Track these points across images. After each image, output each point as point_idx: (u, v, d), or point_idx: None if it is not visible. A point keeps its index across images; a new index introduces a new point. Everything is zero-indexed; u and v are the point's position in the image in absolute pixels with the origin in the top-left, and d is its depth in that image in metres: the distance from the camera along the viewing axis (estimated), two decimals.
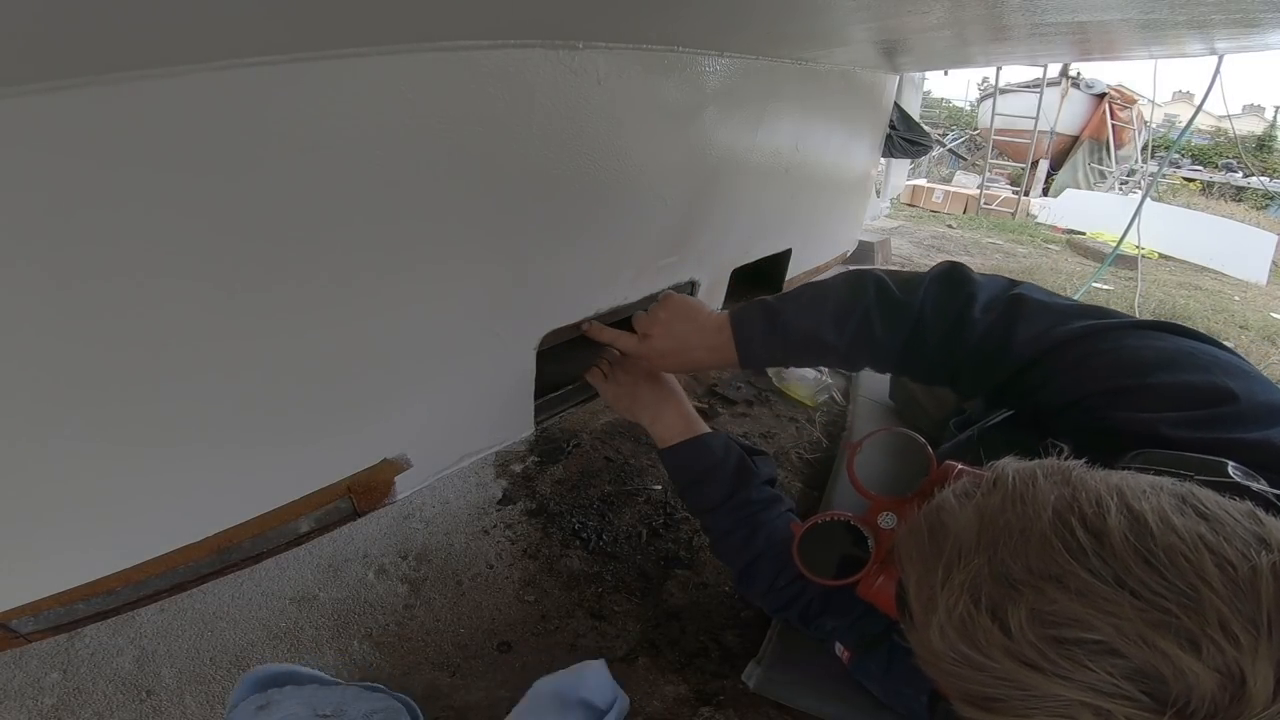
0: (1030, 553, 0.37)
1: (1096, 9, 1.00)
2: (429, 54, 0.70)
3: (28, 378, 0.57)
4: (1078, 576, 0.35)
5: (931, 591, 0.40)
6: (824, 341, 0.72)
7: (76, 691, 0.72)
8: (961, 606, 0.37)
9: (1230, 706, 0.32)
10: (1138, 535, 0.35)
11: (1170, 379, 0.55)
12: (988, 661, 0.36)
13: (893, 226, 3.92)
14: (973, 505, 0.41)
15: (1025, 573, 0.36)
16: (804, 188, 1.76)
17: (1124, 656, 0.33)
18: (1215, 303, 3.27)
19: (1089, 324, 0.61)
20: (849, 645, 0.70)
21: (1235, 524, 0.36)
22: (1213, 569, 0.34)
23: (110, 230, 0.55)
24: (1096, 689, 0.34)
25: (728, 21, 0.98)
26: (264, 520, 0.84)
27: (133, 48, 0.48)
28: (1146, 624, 0.33)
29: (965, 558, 0.39)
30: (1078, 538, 0.36)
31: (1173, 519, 0.36)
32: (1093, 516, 0.37)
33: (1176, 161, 9.14)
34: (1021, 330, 0.63)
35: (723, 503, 0.79)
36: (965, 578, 0.38)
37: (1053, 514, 0.37)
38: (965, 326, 0.66)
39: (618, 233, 1.14)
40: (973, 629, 0.37)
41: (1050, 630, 0.35)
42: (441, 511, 1.03)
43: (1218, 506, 0.37)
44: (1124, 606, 0.34)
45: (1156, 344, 0.59)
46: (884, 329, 0.70)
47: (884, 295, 0.71)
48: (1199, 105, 2.86)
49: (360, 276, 0.77)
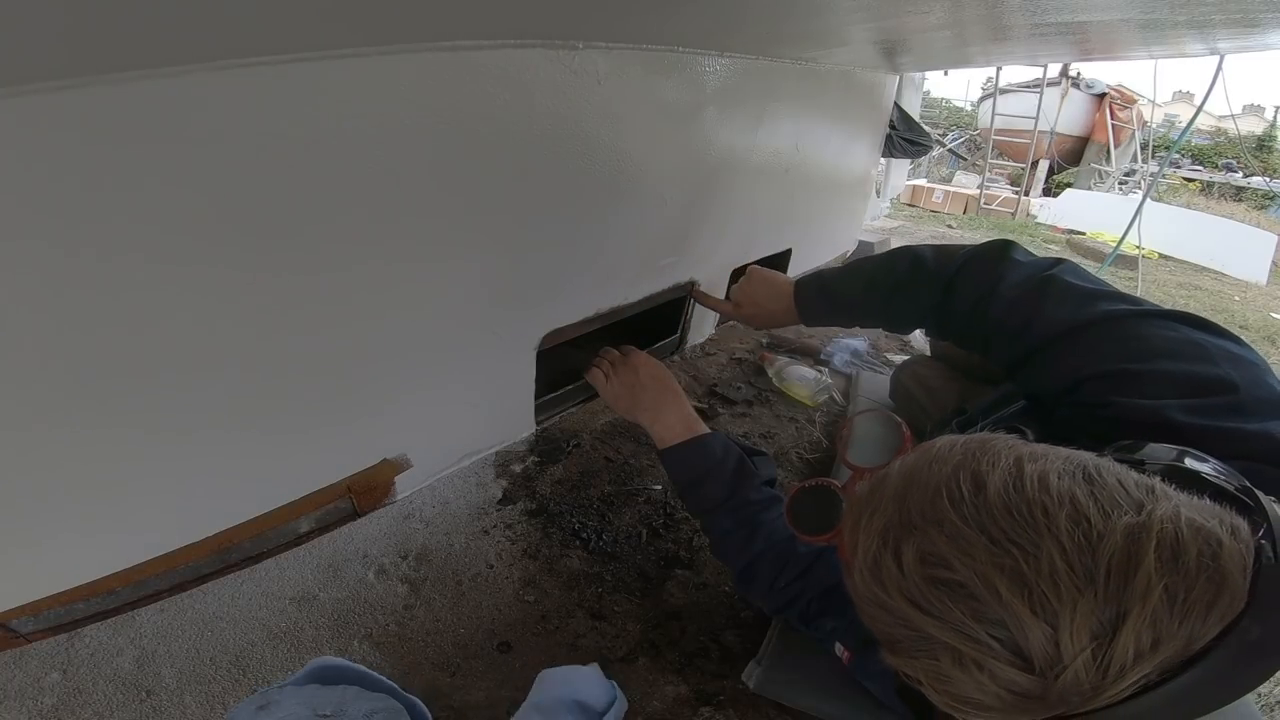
0: (925, 500, 0.40)
1: (1096, 9, 1.00)
2: (429, 54, 0.70)
3: (28, 378, 0.57)
4: (951, 521, 0.38)
5: (856, 536, 0.44)
6: (860, 302, 0.85)
7: (76, 691, 0.72)
8: (874, 548, 0.41)
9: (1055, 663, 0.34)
10: (1011, 489, 0.38)
11: (1173, 367, 0.56)
12: (889, 599, 0.40)
13: (893, 226, 3.92)
14: (901, 463, 0.45)
15: (920, 517, 0.40)
16: (804, 188, 1.76)
17: (978, 600, 0.36)
18: (1215, 303, 3.26)
19: (1109, 309, 0.62)
20: (849, 645, 0.70)
21: (1120, 491, 0.37)
22: (1064, 523, 0.35)
23: (110, 230, 0.55)
24: (959, 630, 0.37)
25: (728, 21, 0.98)
26: (264, 520, 0.84)
27: (133, 48, 0.48)
28: (992, 567, 0.36)
29: (884, 506, 0.43)
30: (962, 489, 0.39)
31: (1051, 479, 0.38)
32: (981, 473, 0.40)
33: (1176, 161, 9.14)
34: (1047, 310, 0.65)
35: (722, 503, 0.79)
36: (880, 523, 0.42)
37: (951, 469, 0.41)
38: (993, 300, 0.69)
39: (618, 233, 1.14)
40: (879, 569, 0.41)
41: (929, 570, 0.38)
42: (441, 511, 1.03)
43: (1114, 477, 0.38)
44: (979, 549, 0.36)
45: (1168, 333, 0.59)
46: (915, 296, 0.78)
47: (917, 265, 0.78)
48: (1200, 105, 2.86)
49: (360, 276, 0.77)
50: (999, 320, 0.69)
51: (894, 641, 0.41)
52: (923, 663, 0.39)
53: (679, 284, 1.39)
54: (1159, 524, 0.34)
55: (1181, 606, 0.33)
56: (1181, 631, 0.34)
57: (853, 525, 0.45)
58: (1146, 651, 0.34)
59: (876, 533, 0.42)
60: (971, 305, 0.72)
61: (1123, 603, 0.33)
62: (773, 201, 1.63)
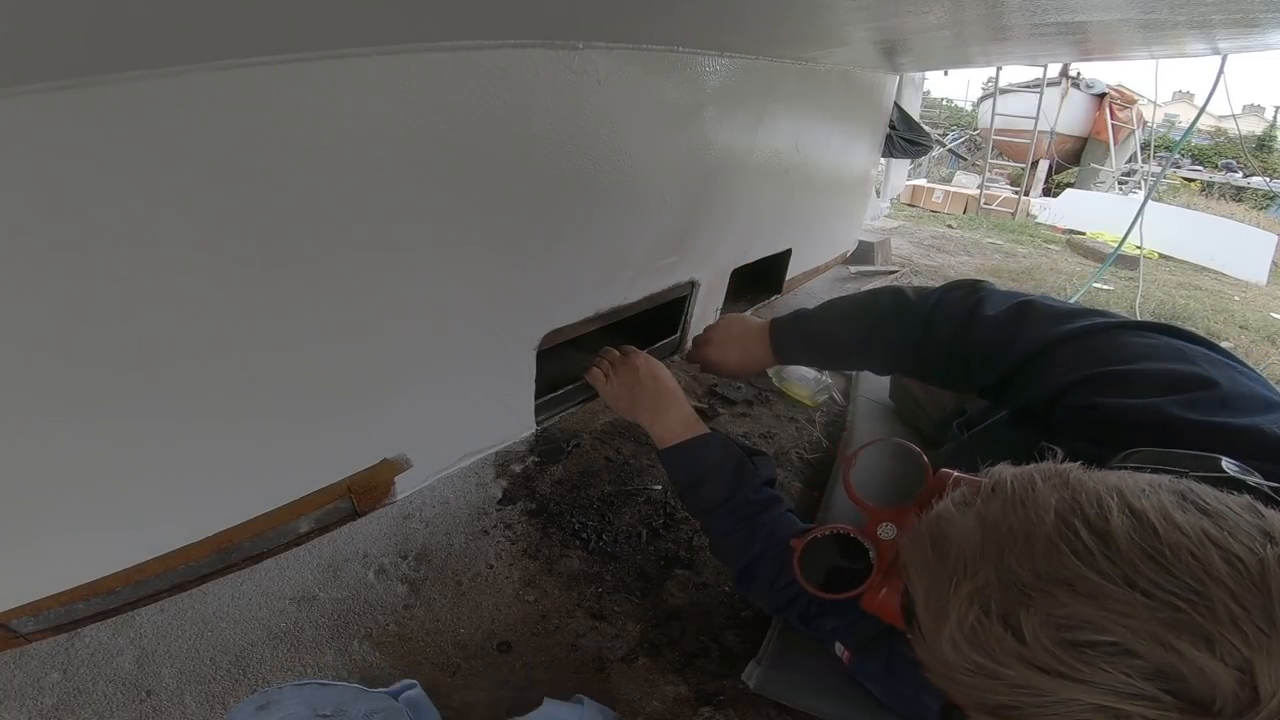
0: (1037, 557, 0.36)
1: (1096, 9, 1.00)
2: (429, 54, 0.70)
3: (28, 378, 0.57)
4: (1086, 579, 0.35)
5: (941, 603, 0.39)
6: (837, 339, 0.83)
7: (76, 691, 0.72)
8: (972, 616, 0.37)
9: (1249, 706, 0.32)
10: (1142, 534, 0.35)
11: (1154, 366, 0.57)
12: (1002, 669, 0.36)
13: (893, 226, 3.92)
14: (974, 513, 0.41)
15: (1034, 578, 0.36)
16: (804, 188, 1.76)
17: (1140, 657, 0.33)
18: (1215, 303, 3.26)
19: (1087, 323, 0.64)
20: (849, 645, 0.70)
21: (1238, 518, 0.35)
22: (1220, 564, 0.33)
23: (110, 230, 0.55)
24: (1115, 690, 0.33)
25: (728, 22, 0.98)
26: (264, 520, 0.84)
27: (133, 48, 0.48)
28: (1160, 623, 0.33)
29: (972, 567, 0.38)
30: (1083, 540, 0.36)
31: (1175, 516, 0.35)
32: (1096, 518, 0.36)
33: (1177, 162, 9.14)
34: (1028, 329, 0.67)
35: (722, 503, 0.79)
36: (974, 587, 0.38)
37: (1055, 517, 0.37)
38: (974, 324, 0.71)
39: (617, 233, 1.14)
40: (985, 638, 0.36)
41: (1064, 634, 0.34)
42: (441, 511, 1.03)
43: (1218, 501, 0.37)
44: (1135, 607, 0.33)
45: (1145, 339, 0.61)
46: (896, 327, 0.78)
47: (898, 299, 0.79)
48: (1203, 106, 2.85)
49: (360, 276, 0.77)
50: (982, 343, 0.70)
51: (1004, 708, 0.37)
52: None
53: (679, 284, 1.39)
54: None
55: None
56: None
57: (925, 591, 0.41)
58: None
59: (968, 598, 0.38)
60: (952, 331, 0.73)
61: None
62: (772, 201, 1.63)
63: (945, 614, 0.39)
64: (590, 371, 1.04)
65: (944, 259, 3.31)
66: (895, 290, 0.81)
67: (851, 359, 0.85)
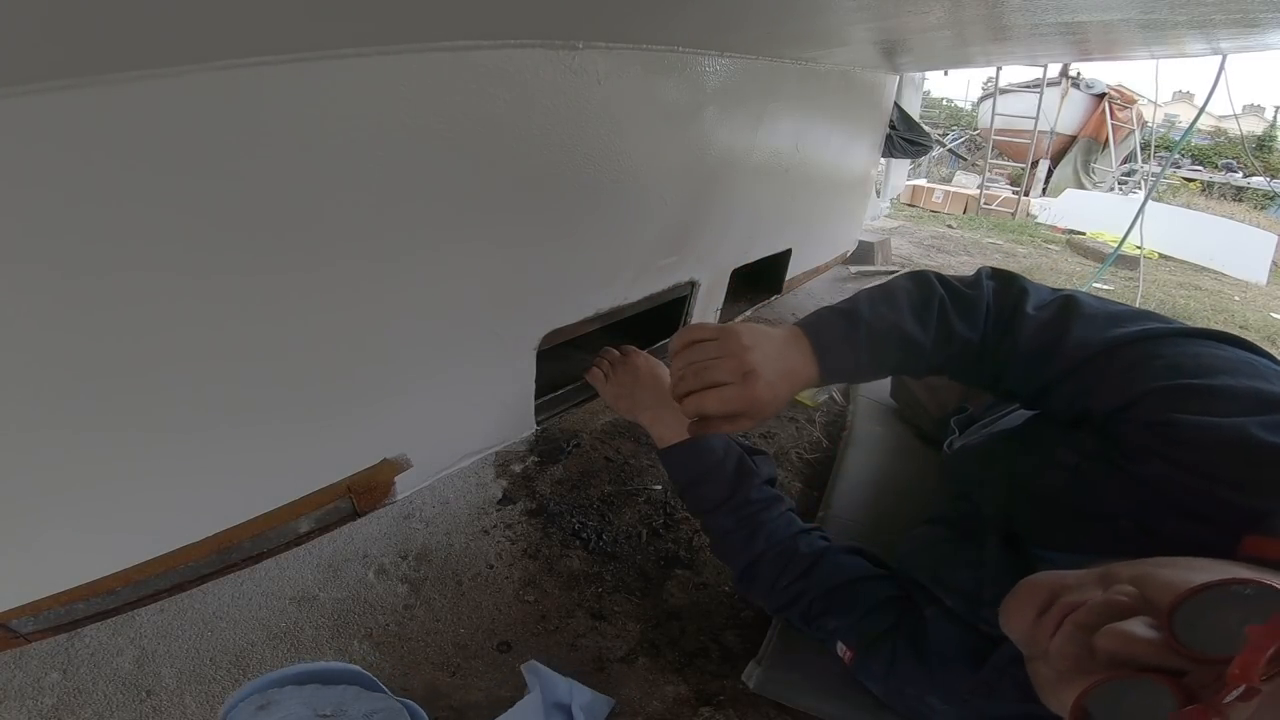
0: None
1: (1096, 9, 1.00)
2: (429, 54, 0.70)
3: (28, 378, 0.57)
4: None
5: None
6: (908, 335, 0.63)
7: (76, 691, 0.72)
8: None
9: None
10: None
11: (1235, 383, 0.51)
12: None
13: (893, 226, 3.92)
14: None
15: None
16: (804, 188, 1.76)
17: None
18: (1215, 303, 3.26)
19: (1145, 328, 0.59)
20: (851, 645, 0.70)
21: None
22: None
23: (110, 230, 0.55)
24: None
25: (728, 21, 0.98)
26: (264, 520, 0.84)
27: (133, 48, 0.48)
28: None
29: None
30: None
31: None
32: None
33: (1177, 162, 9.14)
34: (1076, 331, 0.60)
35: (723, 503, 0.79)
36: None
37: None
38: (1018, 322, 0.63)
39: (617, 233, 1.14)
40: None
41: None
42: (441, 511, 1.03)
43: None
44: None
45: (1215, 351, 0.56)
46: (960, 323, 0.65)
47: (950, 290, 0.66)
48: (1203, 106, 2.85)
49: (360, 276, 0.77)
50: (1025, 341, 0.62)
51: None
52: None
53: (679, 284, 1.39)
54: None
55: None
56: None
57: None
58: None
59: None
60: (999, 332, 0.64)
61: None
62: (773, 201, 1.63)
63: None
64: (590, 371, 1.04)
65: (944, 259, 3.31)
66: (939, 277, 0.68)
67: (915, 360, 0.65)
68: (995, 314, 0.65)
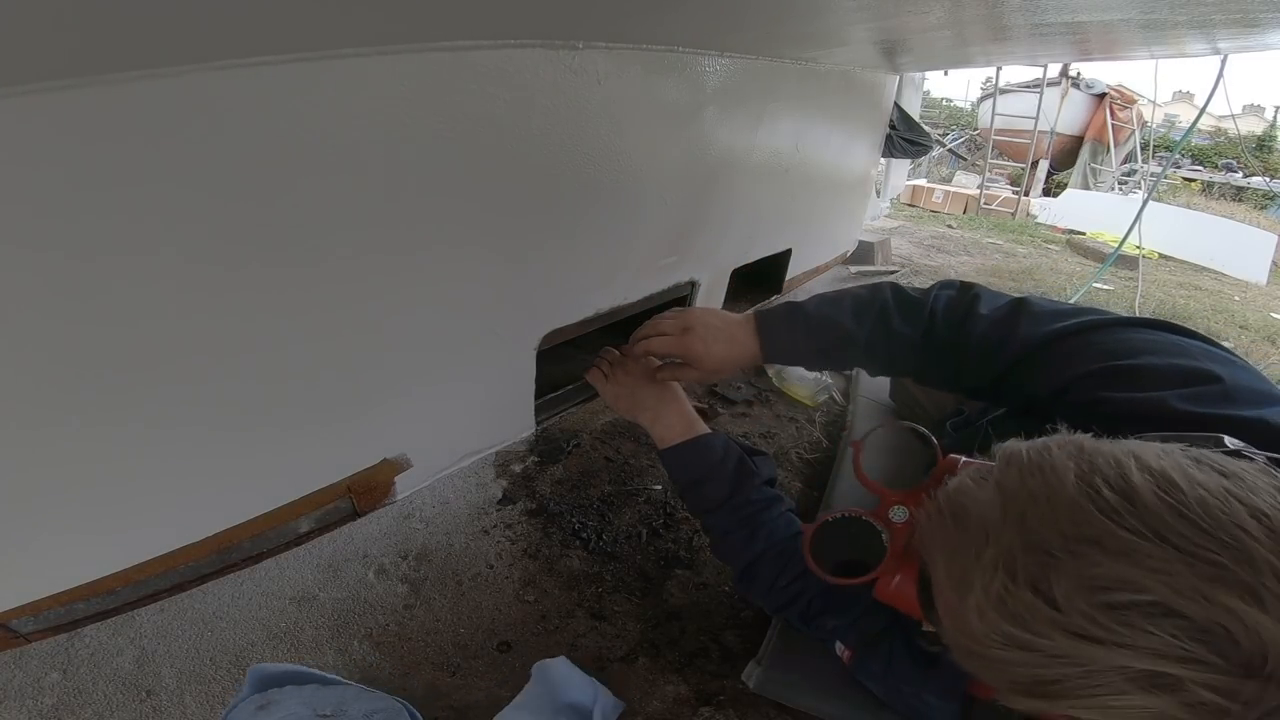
0: (1061, 519, 0.35)
1: (1096, 9, 1.00)
2: (429, 54, 0.70)
3: (28, 378, 0.57)
4: (1116, 536, 0.34)
5: (963, 573, 0.38)
6: (844, 329, 0.74)
7: (76, 691, 0.72)
8: (998, 583, 0.36)
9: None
10: (1166, 490, 0.34)
11: (1159, 361, 0.56)
12: (1037, 639, 0.34)
13: (893, 226, 3.92)
14: (991, 484, 0.40)
15: (1060, 539, 0.35)
16: (804, 188, 1.76)
17: (1185, 616, 0.32)
18: (1215, 303, 3.26)
19: (1084, 320, 0.64)
20: (850, 644, 0.70)
21: (1255, 479, 0.35)
22: (1249, 519, 0.32)
23: (110, 230, 0.55)
24: (1163, 654, 0.32)
25: (728, 22, 0.98)
26: (264, 520, 0.84)
27: (133, 48, 0.48)
28: (1200, 579, 0.32)
29: (994, 533, 0.37)
30: (1106, 498, 0.35)
31: (1195, 474, 0.35)
32: (1116, 477, 0.36)
33: (1177, 162, 9.15)
34: (1024, 326, 0.65)
35: (723, 502, 0.79)
36: (997, 553, 0.36)
37: (1075, 479, 0.36)
38: (970, 322, 0.69)
39: (618, 233, 1.14)
40: (1014, 606, 0.35)
41: (1100, 596, 0.33)
42: (441, 511, 1.03)
43: (1232, 464, 0.36)
44: (1172, 563, 0.32)
45: (1147, 335, 0.61)
46: (901, 321, 0.73)
47: (899, 293, 0.75)
48: (1203, 106, 2.85)
49: (360, 276, 0.77)
50: (978, 340, 0.68)
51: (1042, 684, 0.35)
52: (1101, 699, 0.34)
53: (679, 284, 1.39)
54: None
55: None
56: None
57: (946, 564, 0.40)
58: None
59: (992, 564, 0.36)
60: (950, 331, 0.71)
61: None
62: (773, 201, 1.63)
63: (969, 584, 0.37)
64: (590, 371, 1.04)
65: (944, 259, 3.31)
66: (894, 285, 0.77)
67: (850, 354, 0.76)
68: (945, 315, 0.72)
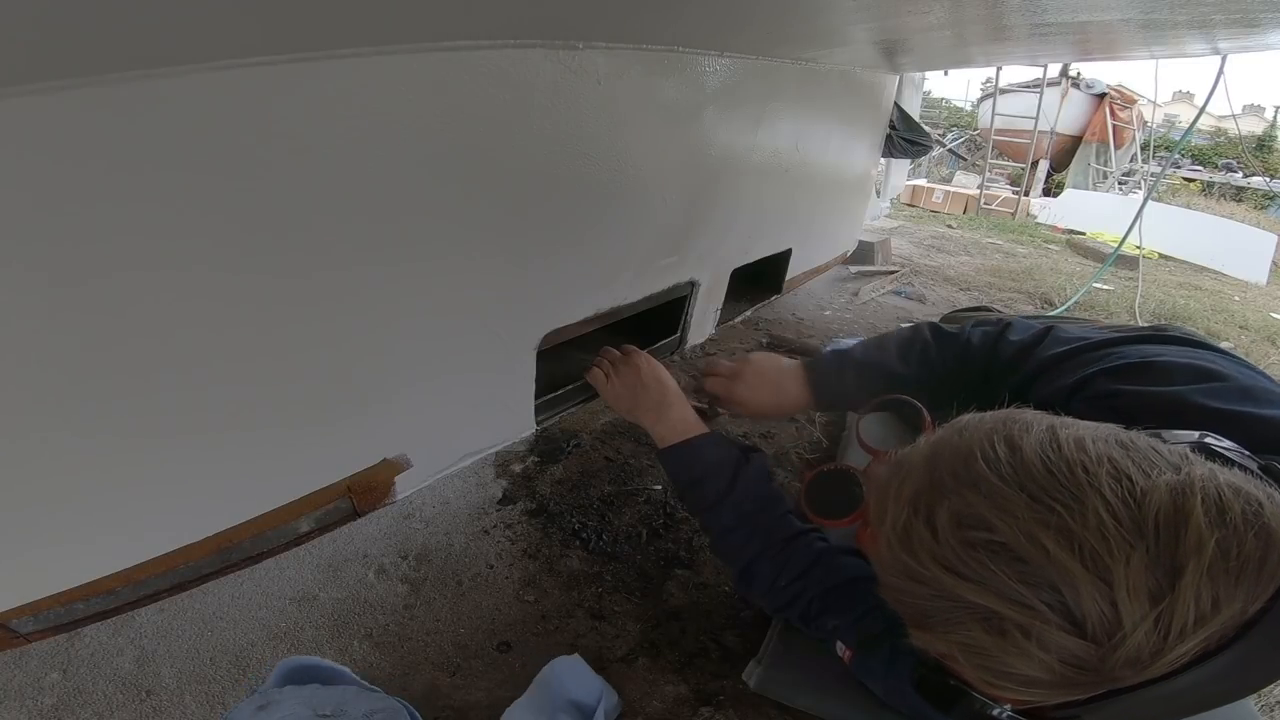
0: (957, 464, 0.40)
1: (1096, 9, 1.00)
2: (429, 54, 0.70)
3: (28, 378, 0.57)
4: (988, 481, 0.37)
5: (881, 509, 0.43)
6: (891, 370, 0.82)
7: (76, 691, 0.72)
8: (904, 515, 0.40)
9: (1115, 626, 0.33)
10: (1049, 449, 0.38)
11: (1175, 359, 0.58)
12: (921, 569, 0.38)
13: (893, 226, 3.92)
14: (929, 438, 0.45)
15: (952, 479, 0.39)
16: (804, 188, 1.76)
17: (1024, 561, 0.35)
18: (1215, 303, 3.26)
19: (1108, 336, 0.68)
20: (850, 644, 0.70)
21: (1157, 455, 0.37)
22: (1106, 479, 0.35)
23: (110, 230, 0.55)
24: (1003, 595, 0.35)
25: (728, 22, 0.98)
26: (264, 520, 0.84)
27: (133, 48, 0.48)
28: (1037, 524, 0.35)
29: (911, 474, 0.42)
30: (996, 450, 0.39)
31: (1088, 443, 0.37)
32: (1016, 435, 0.39)
33: (1177, 162, 9.14)
34: (1050, 344, 0.70)
35: (722, 503, 0.79)
36: (909, 490, 0.41)
37: (984, 434, 0.41)
38: (1000, 346, 0.75)
39: (618, 233, 1.14)
40: (910, 537, 0.39)
41: (966, 532, 0.37)
42: (441, 511, 1.03)
43: (1149, 446, 0.38)
44: (1020, 507, 0.36)
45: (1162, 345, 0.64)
46: (938, 352, 0.81)
47: (936, 329, 0.84)
48: (1203, 106, 2.85)
49: (360, 277, 0.77)
50: (1008, 359, 0.73)
51: (924, 616, 0.39)
52: (960, 635, 0.37)
53: (679, 284, 1.39)
54: (1200, 482, 0.34)
55: (1236, 562, 0.33)
56: (1239, 592, 0.33)
57: (879, 499, 0.44)
58: (1208, 612, 0.33)
59: (906, 500, 0.41)
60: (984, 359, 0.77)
61: (1176, 558, 0.33)
62: (773, 201, 1.63)
63: (883, 517, 0.42)
64: (590, 371, 1.04)
65: (944, 259, 3.31)
66: (931, 324, 0.85)
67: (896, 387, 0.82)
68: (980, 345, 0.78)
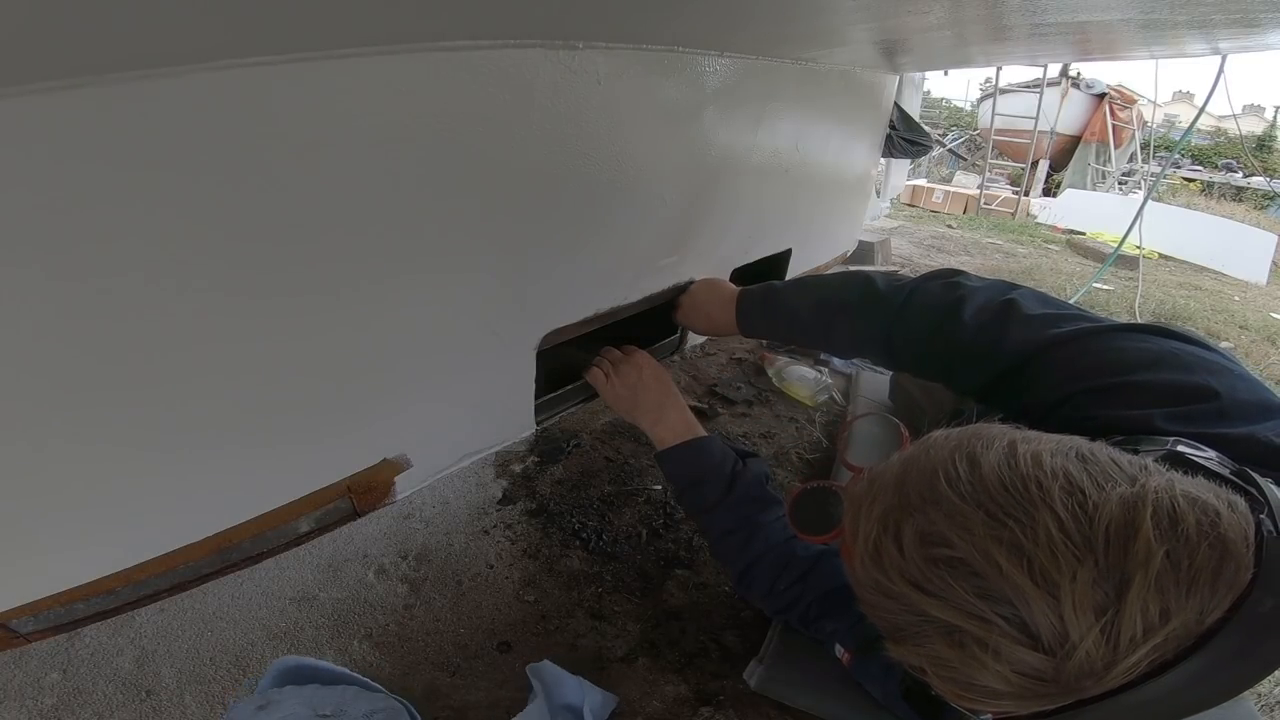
0: (923, 483, 0.41)
1: (1096, 9, 1.00)
2: (429, 54, 0.70)
3: (27, 378, 0.57)
4: (949, 499, 0.38)
5: (855, 526, 0.44)
6: (800, 320, 0.82)
7: (76, 691, 0.72)
8: (875, 532, 0.41)
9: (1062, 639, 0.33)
10: (1006, 466, 0.38)
11: (1153, 377, 0.56)
12: (890, 584, 0.40)
13: (893, 226, 3.92)
14: (899, 455, 0.46)
15: (918, 497, 0.40)
16: (804, 188, 1.76)
17: (979, 576, 0.36)
18: (1215, 303, 3.26)
19: (1079, 327, 0.62)
20: (849, 647, 0.70)
21: (1113, 467, 0.37)
22: (1059, 494, 0.35)
23: (109, 231, 0.55)
24: (962, 610, 0.36)
25: (728, 22, 0.98)
26: (264, 520, 0.84)
27: (133, 48, 0.48)
28: (991, 540, 0.36)
29: (882, 494, 0.43)
30: (958, 468, 0.40)
31: (1044, 457, 0.38)
32: (976, 453, 0.40)
33: (1177, 162, 9.14)
34: (1014, 332, 0.64)
35: (721, 505, 0.79)
36: (879, 509, 0.42)
37: (948, 452, 0.41)
38: (956, 326, 0.68)
39: (618, 233, 1.13)
40: (879, 554, 0.41)
41: (929, 549, 0.38)
42: (441, 511, 1.03)
43: (1107, 456, 0.38)
44: (976, 524, 0.37)
45: (1142, 345, 0.59)
46: (861, 318, 0.77)
47: (868, 287, 0.77)
48: (1203, 106, 2.85)
49: (360, 276, 0.77)
50: (965, 345, 0.67)
51: (897, 630, 0.40)
52: (927, 649, 0.38)
53: (679, 284, 1.39)
54: (1153, 493, 0.35)
55: (1187, 574, 0.33)
56: (1191, 603, 0.33)
57: (853, 516, 0.45)
58: (1156, 623, 0.33)
59: (876, 519, 0.42)
60: (930, 331, 0.70)
61: (1125, 570, 0.33)
62: (773, 201, 1.63)
63: (856, 534, 0.44)
64: (590, 371, 1.04)
65: (944, 259, 3.31)
66: (866, 277, 0.78)
67: (813, 340, 0.85)
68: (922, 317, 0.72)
